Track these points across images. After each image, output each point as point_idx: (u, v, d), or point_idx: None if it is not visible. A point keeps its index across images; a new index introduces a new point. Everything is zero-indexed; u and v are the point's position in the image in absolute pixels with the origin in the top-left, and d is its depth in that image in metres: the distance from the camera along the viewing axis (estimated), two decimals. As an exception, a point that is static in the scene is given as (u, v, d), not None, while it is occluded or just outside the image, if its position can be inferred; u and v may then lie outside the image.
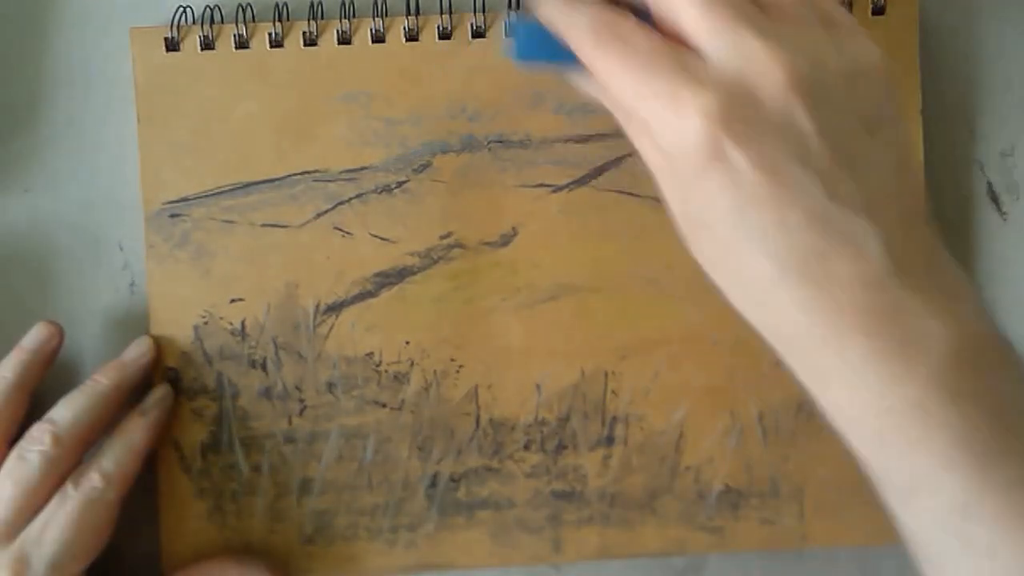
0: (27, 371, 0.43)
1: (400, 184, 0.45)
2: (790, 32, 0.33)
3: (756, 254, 0.33)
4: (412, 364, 0.46)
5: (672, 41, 0.33)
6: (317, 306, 0.45)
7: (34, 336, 0.44)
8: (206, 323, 0.45)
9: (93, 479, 0.41)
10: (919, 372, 0.32)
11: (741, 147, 0.32)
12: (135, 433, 0.43)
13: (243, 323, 0.45)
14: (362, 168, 0.45)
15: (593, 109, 0.45)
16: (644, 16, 0.35)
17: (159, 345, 0.45)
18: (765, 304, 0.34)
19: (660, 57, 0.33)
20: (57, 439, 0.41)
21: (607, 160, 0.46)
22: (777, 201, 0.32)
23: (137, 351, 0.45)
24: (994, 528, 0.32)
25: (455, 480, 0.46)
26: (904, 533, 0.35)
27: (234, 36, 0.45)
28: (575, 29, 0.35)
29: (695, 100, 0.32)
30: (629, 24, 0.34)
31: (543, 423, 0.46)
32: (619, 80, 0.34)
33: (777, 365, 0.46)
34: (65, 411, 0.42)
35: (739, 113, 0.32)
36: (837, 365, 0.33)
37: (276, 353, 0.45)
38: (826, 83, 0.32)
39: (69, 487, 0.41)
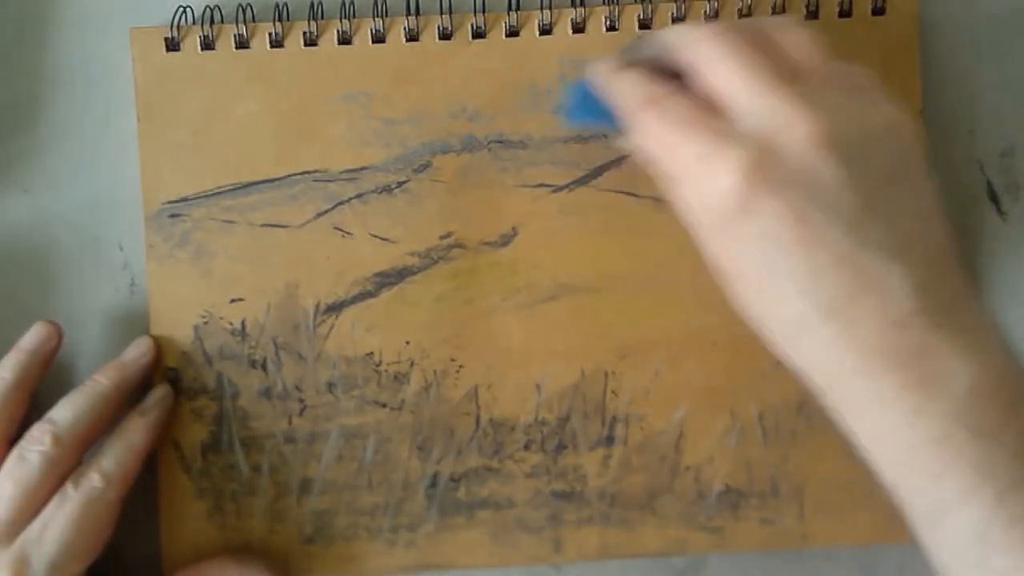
0: (26, 371, 0.43)
1: (400, 184, 0.46)
2: (818, 93, 0.36)
3: (787, 298, 0.35)
4: (412, 364, 0.46)
5: (707, 101, 0.37)
6: (317, 306, 0.45)
7: (33, 336, 0.44)
8: (206, 323, 0.45)
9: (93, 479, 0.41)
10: (942, 408, 0.34)
11: (770, 198, 0.34)
12: (135, 433, 0.43)
13: (243, 323, 0.45)
14: (362, 168, 0.45)
15: (593, 109, 0.45)
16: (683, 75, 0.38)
17: (159, 345, 0.45)
18: (798, 343, 0.36)
19: (694, 120, 0.36)
20: (57, 439, 0.41)
21: (607, 160, 0.46)
22: (805, 247, 0.34)
23: (137, 351, 0.45)
24: (1010, 555, 0.33)
25: (455, 480, 0.46)
26: (930, 555, 0.37)
27: (234, 36, 0.45)
28: (620, 95, 0.38)
29: (726, 157, 0.35)
30: (666, 91, 0.37)
31: (543, 423, 0.46)
32: (658, 143, 0.37)
33: (777, 365, 0.46)
34: (65, 411, 0.42)
35: (767, 167, 0.34)
36: (866, 399, 0.35)
37: (276, 353, 0.46)
38: (851, 139, 0.35)
39: (69, 487, 0.41)
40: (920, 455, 0.34)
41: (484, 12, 0.45)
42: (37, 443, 0.41)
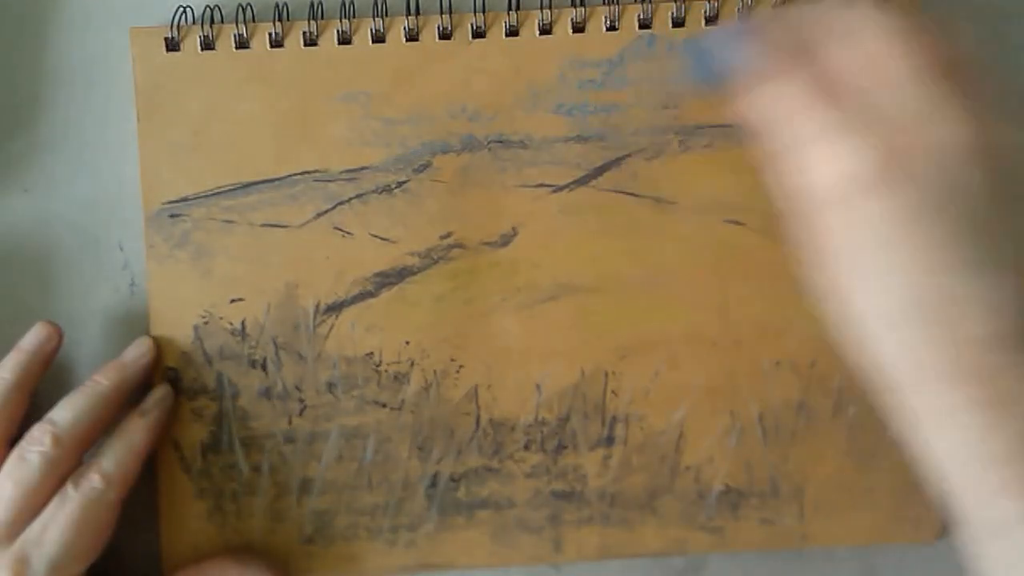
0: (26, 372, 0.43)
1: (400, 184, 0.46)
2: (970, 98, 0.35)
3: (886, 290, 0.34)
4: (412, 364, 0.46)
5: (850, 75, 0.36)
6: (317, 306, 0.46)
7: (33, 337, 0.44)
8: (206, 323, 0.45)
9: (93, 480, 0.41)
10: (1017, 429, 0.33)
11: (901, 188, 0.34)
12: (135, 434, 0.43)
13: (243, 323, 0.45)
14: (362, 168, 0.45)
15: (593, 110, 0.45)
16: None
17: (159, 345, 0.45)
18: (883, 338, 0.35)
19: (839, 90, 0.35)
20: (57, 439, 0.41)
21: (607, 160, 0.46)
22: (922, 244, 0.34)
23: (137, 351, 0.45)
24: None
25: (455, 480, 0.46)
26: (981, 569, 0.36)
27: (234, 36, 0.45)
28: (760, 50, 0.37)
29: (865, 137, 0.34)
30: (812, 57, 0.36)
31: (543, 423, 0.46)
32: (792, 104, 0.36)
33: (777, 365, 0.46)
34: (65, 412, 0.42)
35: (906, 157, 0.34)
36: (940, 407, 0.35)
37: (276, 353, 0.46)
38: (992, 151, 0.34)
39: (69, 488, 0.41)
40: (986, 470, 0.34)
41: (484, 12, 0.45)
42: (37, 444, 0.41)
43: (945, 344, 0.34)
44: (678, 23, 0.46)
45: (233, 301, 0.45)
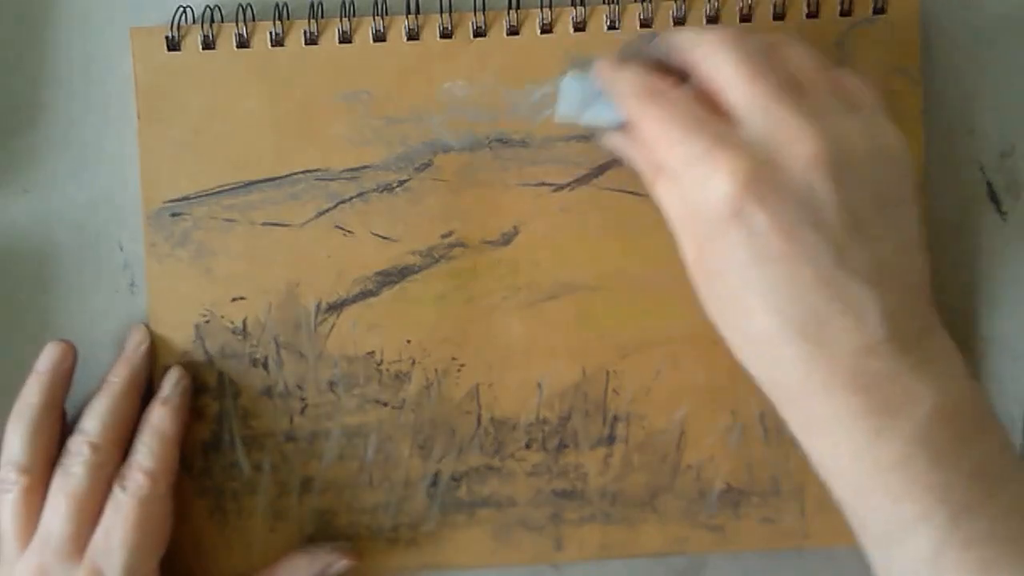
0: (51, 392, 0.45)
1: (401, 183, 0.46)
2: (821, 112, 0.37)
3: (762, 309, 0.37)
4: (413, 363, 0.47)
5: (708, 103, 0.38)
6: (318, 305, 0.46)
7: (47, 358, 0.45)
8: (207, 322, 0.46)
9: (137, 479, 0.43)
10: (904, 431, 0.36)
11: (762, 208, 0.36)
12: (161, 422, 0.44)
13: (244, 322, 0.46)
14: (363, 167, 0.46)
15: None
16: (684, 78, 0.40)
17: (159, 344, 0.46)
18: (764, 355, 0.38)
19: (699, 120, 0.37)
20: (94, 447, 0.44)
21: (609, 158, 0.47)
22: (789, 262, 0.36)
23: (134, 342, 0.46)
24: None
25: (456, 479, 0.47)
26: (878, 573, 0.39)
27: (235, 35, 0.46)
28: (622, 86, 0.40)
29: (727, 162, 0.36)
30: (672, 85, 0.39)
31: (544, 422, 0.47)
32: (659, 135, 0.38)
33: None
34: (92, 419, 0.44)
35: (765, 178, 0.36)
36: (826, 418, 0.37)
37: (277, 352, 0.46)
38: (849, 161, 0.37)
39: (118, 492, 0.43)
40: (877, 478, 0.36)
41: (484, 11, 0.46)
42: (77, 455, 0.43)
43: (823, 358, 0.36)
44: (679, 21, 0.47)
45: (234, 300, 0.46)
